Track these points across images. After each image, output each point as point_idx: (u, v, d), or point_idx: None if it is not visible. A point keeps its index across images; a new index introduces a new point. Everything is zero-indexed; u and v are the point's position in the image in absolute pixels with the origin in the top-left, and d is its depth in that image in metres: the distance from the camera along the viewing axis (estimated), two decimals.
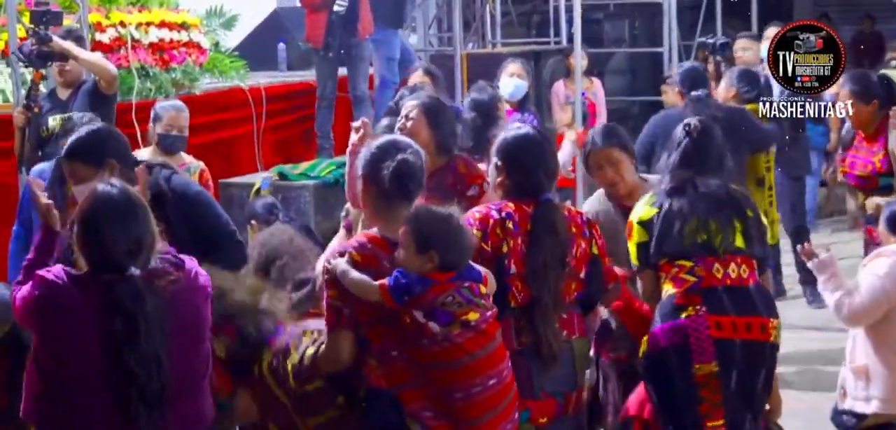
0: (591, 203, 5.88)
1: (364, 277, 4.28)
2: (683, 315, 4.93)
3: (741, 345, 4.91)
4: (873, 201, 6.70)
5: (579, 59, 11.17)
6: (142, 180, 5.09)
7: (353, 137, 5.53)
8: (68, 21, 9.20)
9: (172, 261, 4.09)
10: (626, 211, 5.55)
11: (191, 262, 4.16)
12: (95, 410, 3.92)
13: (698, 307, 4.92)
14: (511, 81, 9.59)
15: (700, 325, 4.91)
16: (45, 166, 6.72)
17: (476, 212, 4.80)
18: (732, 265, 4.97)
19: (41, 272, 3.98)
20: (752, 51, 10.39)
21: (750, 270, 5.00)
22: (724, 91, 8.64)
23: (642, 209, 5.11)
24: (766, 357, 4.99)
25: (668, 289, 5.01)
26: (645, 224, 5.07)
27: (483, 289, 4.42)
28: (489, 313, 4.40)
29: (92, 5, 9.76)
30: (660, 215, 5.03)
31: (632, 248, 5.13)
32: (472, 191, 5.59)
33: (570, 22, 12.42)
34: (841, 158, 7.46)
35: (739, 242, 5.00)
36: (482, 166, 5.84)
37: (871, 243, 6.61)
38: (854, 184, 7.24)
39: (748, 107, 8.24)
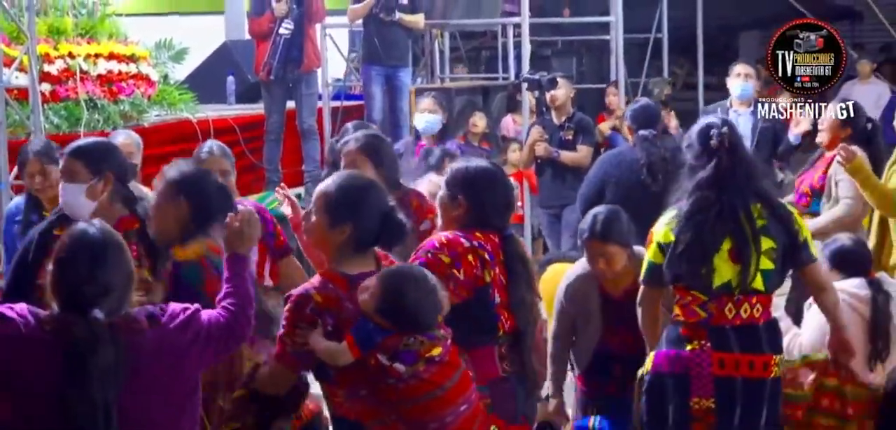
0: (577, 269, 5.92)
1: (331, 344, 4.23)
2: (688, 347, 5.04)
3: (742, 383, 5.01)
4: (811, 223, 6.71)
5: (527, 96, 11.24)
6: None
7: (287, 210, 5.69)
8: (15, 52, 9.16)
9: (149, 313, 3.94)
10: (603, 295, 5.74)
11: (173, 312, 3.99)
12: None
13: (703, 343, 5.02)
14: (422, 117, 9.67)
15: (703, 361, 5.01)
16: (20, 200, 6.80)
17: (442, 236, 4.75)
18: (745, 306, 5.05)
19: (2, 309, 3.87)
20: (563, 90, 10.33)
21: (763, 308, 5.08)
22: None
23: (662, 230, 5.13)
24: (766, 393, 5.06)
25: (677, 313, 5.11)
26: (662, 247, 5.12)
27: (439, 317, 4.38)
28: (449, 341, 4.38)
29: (40, 36, 9.70)
30: (677, 243, 5.04)
31: (644, 262, 5.22)
32: (425, 226, 5.67)
33: (518, 58, 12.49)
34: (799, 174, 7.52)
35: (758, 283, 5.04)
36: None
37: None
38: (797, 201, 7.28)
39: None
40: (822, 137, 7.40)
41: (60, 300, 3.85)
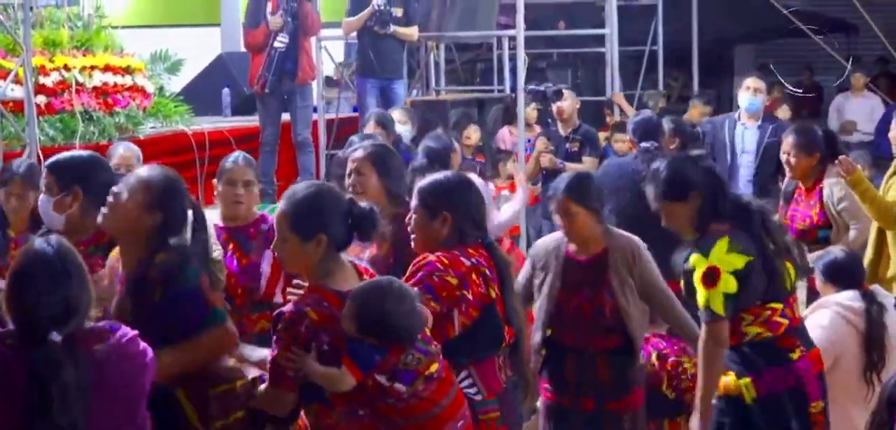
0: (549, 240, 5.87)
1: (330, 370, 4.12)
2: (795, 357, 5.04)
3: (823, 376, 5.12)
4: (815, 255, 6.75)
5: (523, 107, 11.23)
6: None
7: None
8: (10, 64, 9.17)
9: (105, 327, 3.85)
10: (569, 258, 5.64)
11: (124, 328, 3.89)
12: None
13: (801, 348, 5.06)
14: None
15: (809, 365, 5.05)
16: None
17: (442, 256, 4.67)
18: (795, 303, 5.15)
19: None
20: (569, 102, 10.34)
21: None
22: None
23: (728, 257, 4.90)
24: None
25: (758, 331, 5.03)
26: (740, 275, 4.90)
27: (427, 331, 4.36)
28: (441, 356, 4.36)
29: (36, 49, 9.71)
30: (755, 261, 4.94)
31: (717, 298, 4.90)
32: None
33: (513, 71, 12.49)
34: (782, 210, 7.49)
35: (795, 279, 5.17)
36: None
37: (813, 293, 6.66)
38: (795, 237, 7.29)
39: None
40: (788, 170, 7.42)
41: (14, 319, 3.74)
